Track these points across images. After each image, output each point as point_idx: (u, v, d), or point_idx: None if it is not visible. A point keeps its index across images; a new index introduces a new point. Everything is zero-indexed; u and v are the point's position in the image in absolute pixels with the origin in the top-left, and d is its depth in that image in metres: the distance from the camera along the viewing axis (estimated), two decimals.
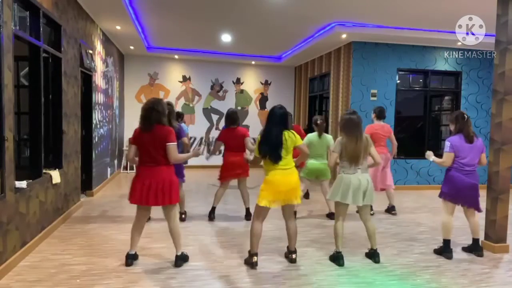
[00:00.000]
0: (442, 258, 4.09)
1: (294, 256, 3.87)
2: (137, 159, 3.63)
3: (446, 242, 4.13)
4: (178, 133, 4.08)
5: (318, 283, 3.41)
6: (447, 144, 4.06)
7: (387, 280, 3.51)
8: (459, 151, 4.01)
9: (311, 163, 5.51)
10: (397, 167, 8.31)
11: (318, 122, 5.55)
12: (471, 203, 4.11)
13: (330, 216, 5.63)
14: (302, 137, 6.87)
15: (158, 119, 3.50)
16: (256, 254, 3.74)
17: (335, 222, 3.96)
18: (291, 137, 3.65)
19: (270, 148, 3.58)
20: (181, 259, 3.73)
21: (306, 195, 6.98)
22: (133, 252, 3.73)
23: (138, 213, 3.69)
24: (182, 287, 3.27)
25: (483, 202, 4.71)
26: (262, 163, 3.77)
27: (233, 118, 5.33)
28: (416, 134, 8.89)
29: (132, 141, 3.59)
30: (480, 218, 5.28)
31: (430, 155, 4.21)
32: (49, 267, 3.60)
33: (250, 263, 3.71)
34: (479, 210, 4.14)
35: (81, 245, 4.24)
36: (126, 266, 3.62)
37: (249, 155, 5.01)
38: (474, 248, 4.22)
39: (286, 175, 3.63)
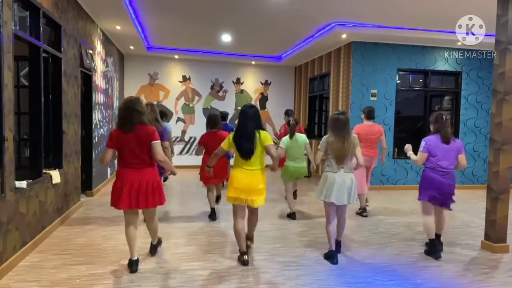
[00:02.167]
0: (441, 258, 4.08)
1: (249, 242, 4.14)
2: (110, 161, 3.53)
3: (432, 242, 4.14)
4: (161, 134, 4.03)
5: (318, 283, 3.41)
6: (422, 143, 4.10)
7: (387, 280, 3.50)
8: (435, 151, 4.03)
9: (291, 166, 5.54)
10: (397, 167, 8.32)
11: (291, 123, 5.58)
12: (445, 204, 4.11)
13: (291, 216, 5.61)
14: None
15: (139, 119, 3.41)
16: (245, 253, 3.81)
17: (326, 220, 4.00)
18: (261, 136, 3.68)
19: (243, 143, 3.62)
20: (155, 247, 3.98)
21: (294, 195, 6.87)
22: (136, 258, 3.56)
23: (128, 219, 3.52)
24: (182, 287, 3.27)
25: (483, 202, 4.72)
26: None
27: (214, 122, 5.29)
28: (416, 134, 8.88)
29: (111, 144, 3.41)
30: (480, 218, 5.29)
31: (408, 148, 4.29)
32: (49, 267, 3.60)
33: (241, 261, 3.81)
34: (450, 209, 4.16)
35: (81, 245, 4.24)
36: (130, 272, 3.49)
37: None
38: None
39: (249, 175, 3.67)
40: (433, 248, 4.12)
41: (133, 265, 3.52)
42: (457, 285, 3.47)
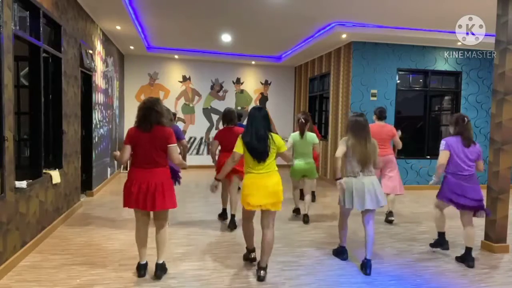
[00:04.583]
0: (441, 258, 4.10)
1: (263, 273, 3.42)
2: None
3: (442, 235, 4.21)
4: (176, 133, 4.02)
5: (318, 283, 3.41)
6: (442, 142, 3.96)
7: (387, 280, 3.50)
8: (454, 153, 3.89)
9: (297, 164, 5.38)
10: None
11: (299, 122, 5.41)
12: (476, 210, 3.92)
13: (296, 211, 5.78)
14: (319, 138, 6.85)
15: (158, 120, 3.36)
16: (253, 250, 3.81)
17: (339, 219, 4.01)
18: (276, 140, 3.47)
19: (257, 144, 3.38)
20: (162, 269, 3.45)
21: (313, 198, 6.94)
22: (144, 262, 3.47)
23: (139, 221, 3.44)
24: (182, 287, 3.27)
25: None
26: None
27: (230, 118, 5.22)
28: (416, 134, 8.89)
29: (128, 141, 3.37)
30: (480, 218, 5.27)
31: (434, 182, 4.12)
32: (49, 267, 3.60)
33: (249, 258, 3.80)
34: (488, 214, 4.03)
35: (81, 245, 4.24)
36: (138, 277, 3.40)
37: None
38: (466, 258, 3.95)
39: (263, 178, 3.41)
40: (442, 240, 4.18)
41: (141, 269, 3.44)
42: (457, 285, 3.47)
